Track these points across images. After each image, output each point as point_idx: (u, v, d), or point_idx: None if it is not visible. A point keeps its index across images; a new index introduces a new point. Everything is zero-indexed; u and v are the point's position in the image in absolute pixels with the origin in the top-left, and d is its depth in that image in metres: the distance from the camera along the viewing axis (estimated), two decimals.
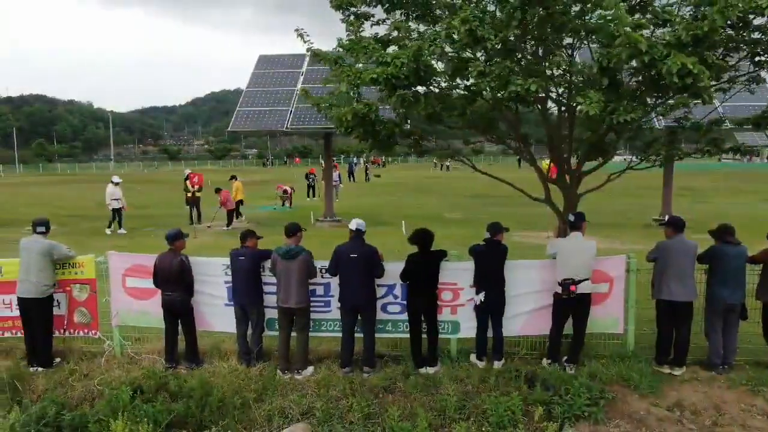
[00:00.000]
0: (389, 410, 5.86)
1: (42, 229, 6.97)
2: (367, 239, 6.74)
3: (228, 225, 16.56)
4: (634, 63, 4.72)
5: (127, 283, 7.14)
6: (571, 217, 6.52)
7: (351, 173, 44.20)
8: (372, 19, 6.82)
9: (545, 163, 17.17)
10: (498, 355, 6.70)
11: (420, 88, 6.04)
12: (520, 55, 5.30)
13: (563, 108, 6.21)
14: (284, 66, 18.31)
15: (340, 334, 7.04)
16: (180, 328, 6.90)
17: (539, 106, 6.16)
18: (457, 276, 6.79)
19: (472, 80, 4.78)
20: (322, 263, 6.82)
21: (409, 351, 6.84)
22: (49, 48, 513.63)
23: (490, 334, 6.76)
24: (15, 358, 7.09)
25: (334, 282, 6.92)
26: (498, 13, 4.90)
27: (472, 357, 6.84)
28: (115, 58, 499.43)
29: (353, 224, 6.70)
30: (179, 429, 5.88)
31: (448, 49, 4.99)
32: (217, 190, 16.96)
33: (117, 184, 16.67)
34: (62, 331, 7.22)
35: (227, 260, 6.98)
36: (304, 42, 7.32)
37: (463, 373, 6.49)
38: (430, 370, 6.64)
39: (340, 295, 6.67)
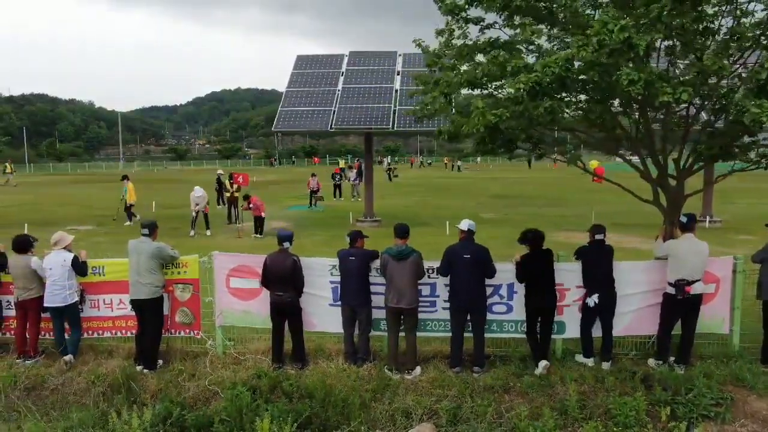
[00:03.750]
0: (516, 410, 5.90)
1: (146, 231, 6.98)
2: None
3: (259, 233, 16.30)
4: None
5: (231, 283, 7.16)
6: (684, 219, 6.56)
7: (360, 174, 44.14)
8: (482, 23, 6.83)
9: (593, 164, 17.31)
10: (607, 355, 6.73)
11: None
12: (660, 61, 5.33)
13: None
14: (323, 66, 18.33)
15: (444, 334, 7.09)
16: (287, 328, 6.90)
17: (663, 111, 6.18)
18: (563, 277, 6.82)
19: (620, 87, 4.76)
20: (429, 263, 6.84)
21: (512, 350, 6.89)
22: (49, 48, 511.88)
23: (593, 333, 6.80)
24: (121, 359, 7.08)
25: (440, 282, 6.95)
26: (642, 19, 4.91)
27: (579, 357, 6.88)
28: (116, 58, 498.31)
29: (464, 224, 6.72)
30: (303, 429, 5.89)
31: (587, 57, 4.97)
32: (246, 197, 16.83)
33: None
34: (165, 331, 7.23)
35: (333, 260, 7.01)
36: (423, 51, 7.31)
37: (575, 374, 6.53)
38: (540, 369, 6.67)
39: (452, 295, 6.70)
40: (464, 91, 7.63)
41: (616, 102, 5.75)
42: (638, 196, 7.56)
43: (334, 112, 16.66)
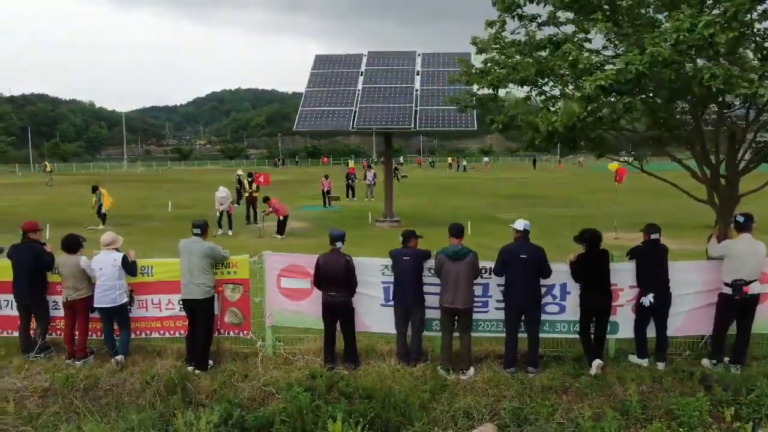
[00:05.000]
0: (578, 411, 5.87)
1: (198, 231, 6.94)
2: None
3: (280, 233, 16.28)
4: None
5: (282, 283, 7.13)
6: (740, 218, 6.54)
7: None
8: (537, 20, 6.81)
9: (613, 166, 17.26)
10: (662, 355, 6.71)
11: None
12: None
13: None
14: (342, 65, 18.29)
15: (496, 335, 7.07)
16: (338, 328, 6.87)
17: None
18: (617, 277, 6.80)
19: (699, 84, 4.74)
20: (483, 263, 6.82)
21: (564, 350, 6.87)
22: (50, 48, 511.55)
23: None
24: (171, 359, 7.04)
25: (493, 282, 6.93)
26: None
27: (632, 357, 6.85)
28: (116, 58, 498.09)
29: (520, 224, 6.71)
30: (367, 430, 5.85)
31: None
32: (266, 199, 16.76)
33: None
34: (214, 331, 7.19)
35: (385, 260, 6.98)
36: (478, 50, 7.28)
37: (632, 374, 6.51)
38: (594, 369, 6.64)
39: (507, 295, 6.67)
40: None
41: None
42: (693, 195, 7.53)
43: (355, 112, 16.64)
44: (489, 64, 6.89)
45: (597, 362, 6.52)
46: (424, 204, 24.80)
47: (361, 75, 17.93)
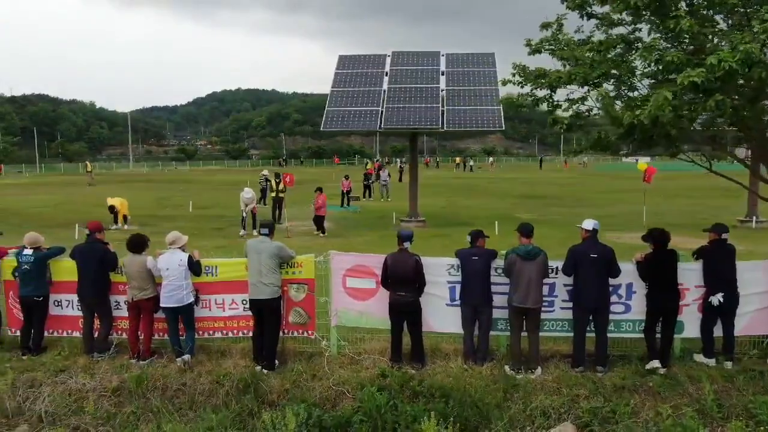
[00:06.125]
0: (655, 409, 5.89)
1: (266, 231, 6.95)
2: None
3: (322, 232, 16.44)
4: None
5: (347, 283, 7.13)
6: None
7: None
8: (606, 19, 6.83)
9: (641, 165, 17.33)
10: (730, 354, 6.73)
11: None
12: None
13: None
14: (366, 65, 18.30)
15: (561, 334, 7.09)
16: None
17: None
18: (684, 276, 6.81)
19: None
20: (551, 263, 6.83)
21: (630, 349, 6.88)
22: (50, 48, 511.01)
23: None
24: (237, 359, 7.04)
25: (560, 282, 6.95)
26: None
27: (698, 357, 6.87)
28: (116, 58, 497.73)
29: (589, 224, 6.73)
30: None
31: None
32: (319, 190, 16.94)
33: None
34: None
35: (452, 260, 7.00)
36: (532, 51, 7.29)
37: (701, 373, 6.52)
38: (662, 369, 6.66)
39: (576, 295, 6.69)
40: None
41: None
42: (762, 197, 7.55)
43: (381, 113, 16.64)
44: (564, 66, 6.88)
45: (654, 363, 6.57)
46: (442, 204, 24.81)
47: (386, 75, 17.93)
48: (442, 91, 17.29)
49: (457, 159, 69.32)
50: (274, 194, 18.07)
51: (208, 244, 12.46)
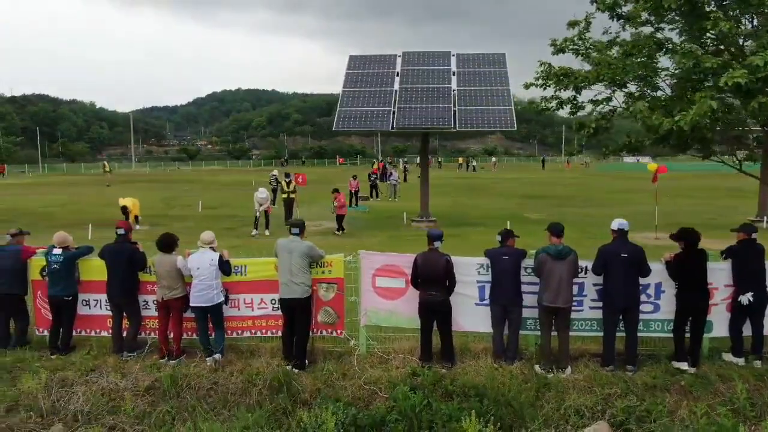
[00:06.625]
0: (692, 408, 5.91)
1: (297, 230, 6.97)
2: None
3: (342, 230, 16.65)
4: None
5: (376, 282, 7.16)
6: None
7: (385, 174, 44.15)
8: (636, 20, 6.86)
9: (651, 166, 17.35)
10: (758, 354, 6.76)
11: None
12: None
13: None
14: (377, 66, 18.33)
15: (590, 334, 7.12)
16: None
17: None
18: (713, 276, 6.84)
19: None
20: (581, 262, 6.86)
21: (658, 348, 6.91)
22: (50, 48, 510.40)
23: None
24: (267, 358, 7.05)
25: (588, 282, 6.98)
26: None
27: (727, 356, 6.90)
28: (117, 58, 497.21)
29: (618, 224, 6.75)
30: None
31: None
32: (336, 191, 17.15)
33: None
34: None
35: (481, 260, 7.03)
36: (556, 51, 7.33)
37: (732, 372, 6.55)
38: (691, 368, 6.69)
39: (607, 294, 6.72)
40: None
41: None
42: None
43: (393, 113, 16.68)
44: (595, 65, 6.92)
45: (683, 365, 6.61)
46: (450, 204, 24.86)
47: (397, 75, 17.96)
48: (453, 91, 17.32)
49: (460, 159, 69.45)
50: (285, 195, 18.04)
51: (221, 244, 12.46)
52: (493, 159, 73.22)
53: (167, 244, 7.05)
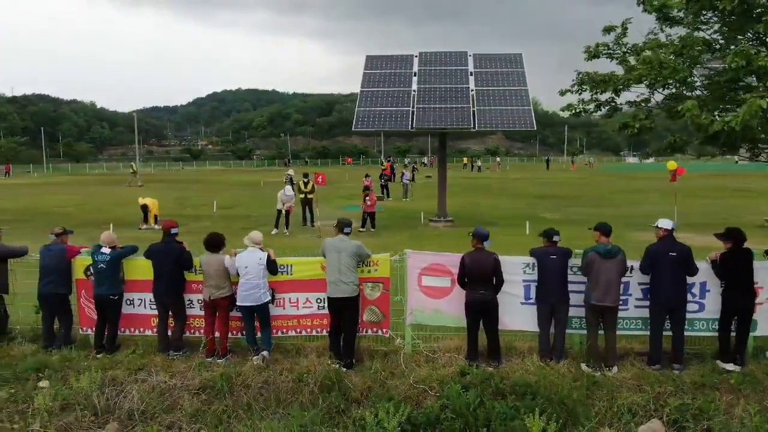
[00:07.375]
0: (744, 407, 5.95)
1: (348, 229, 7.01)
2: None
3: (372, 226, 16.94)
4: None
5: (422, 281, 7.20)
6: None
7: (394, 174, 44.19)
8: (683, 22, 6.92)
9: (671, 164, 17.43)
10: None
11: None
12: None
13: None
14: (394, 66, 18.38)
15: (636, 332, 7.16)
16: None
17: None
18: (758, 275, 6.88)
19: None
20: (629, 262, 6.89)
21: (704, 347, 6.95)
22: (50, 48, 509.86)
23: None
24: (314, 357, 7.09)
25: (634, 281, 7.02)
26: None
27: None
28: (117, 58, 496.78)
29: (667, 223, 6.79)
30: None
31: None
32: (366, 189, 17.44)
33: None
34: None
35: (528, 259, 7.07)
36: (590, 56, 7.38)
37: None
38: (736, 367, 6.73)
39: (654, 293, 6.76)
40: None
41: None
42: None
43: (412, 113, 16.73)
44: (645, 64, 6.95)
45: (728, 366, 6.64)
46: (463, 204, 24.89)
47: (415, 75, 18.00)
48: (471, 91, 17.37)
49: (465, 159, 69.58)
50: (302, 196, 18.05)
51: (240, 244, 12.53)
52: (497, 159, 73.40)
53: (215, 243, 7.09)
